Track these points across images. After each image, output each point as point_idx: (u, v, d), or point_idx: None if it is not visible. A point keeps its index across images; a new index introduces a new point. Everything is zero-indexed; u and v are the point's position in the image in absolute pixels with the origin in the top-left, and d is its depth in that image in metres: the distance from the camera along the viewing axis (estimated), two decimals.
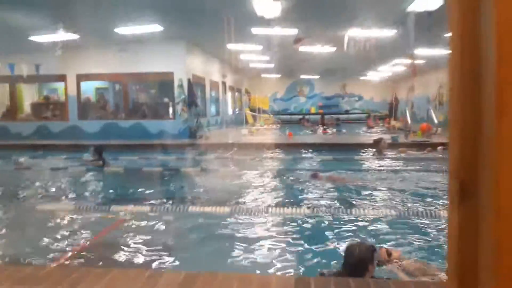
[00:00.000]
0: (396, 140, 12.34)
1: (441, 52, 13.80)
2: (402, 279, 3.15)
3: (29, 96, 17.40)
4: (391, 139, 12.63)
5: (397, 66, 19.27)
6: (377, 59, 15.92)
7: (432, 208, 5.18)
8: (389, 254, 3.49)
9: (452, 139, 1.07)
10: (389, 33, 10.86)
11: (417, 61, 14.39)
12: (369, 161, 9.86)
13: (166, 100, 15.51)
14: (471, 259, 1.02)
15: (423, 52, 14.14)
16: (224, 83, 20.64)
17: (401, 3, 8.28)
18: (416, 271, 3.26)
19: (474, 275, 1.02)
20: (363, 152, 10.86)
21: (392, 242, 4.05)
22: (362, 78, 26.16)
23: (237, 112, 23.94)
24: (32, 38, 11.68)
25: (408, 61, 16.69)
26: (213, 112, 18.84)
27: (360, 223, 4.71)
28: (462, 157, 1.03)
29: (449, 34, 1.07)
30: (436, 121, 14.51)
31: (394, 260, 3.45)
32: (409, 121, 14.20)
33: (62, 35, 11.50)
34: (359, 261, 2.96)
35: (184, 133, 14.24)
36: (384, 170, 8.30)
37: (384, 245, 3.70)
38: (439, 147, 11.32)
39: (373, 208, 5.21)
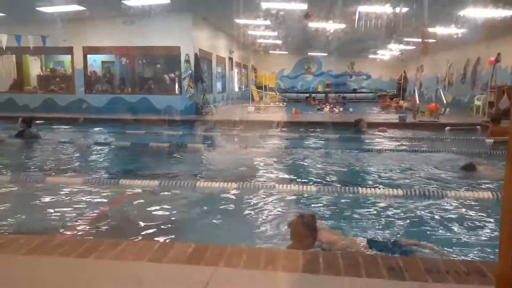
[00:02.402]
0: (404, 120, 12.26)
1: (454, 30, 13.50)
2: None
3: (35, 68, 17.35)
4: (398, 118, 12.55)
5: (407, 44, 18.90)
6: (388, 37, 15.61)
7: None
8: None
9: None
10: (402, 9, 10.60)
11: (428, 40, 14.10)
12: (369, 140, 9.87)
13: (172, 75, 15.41)
14: None
15: (436, 30, 13.83)
16: (231, 59, 20.43)
17: None
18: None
19: None
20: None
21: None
22: (370, 56, 25.76)
23: (243, 89, 23.77)
24: (39, 8, 11.53)
25: (419, 39, 16.39)
26: (219, 89, 18.72)
27: (367, 201, 4.73)
28: None
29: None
30: (444, 101, 14.34)
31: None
32: (417, 101, 14.03)
33: (69, 6, 11.35)
34: (308, 230, 3.06)
35: (190, 109, 14.20)
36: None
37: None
38: (447, 128, 11.26)
39: (379, 188, 5.20)
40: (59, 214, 4.21)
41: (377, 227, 3.98)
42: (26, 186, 5.30)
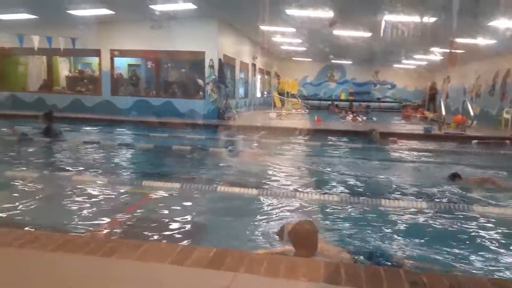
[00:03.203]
0: (429, 131, 12.02)
1: (483, 41, 13.20)
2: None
3: (64, 69, 17.87)
4: (424, 130, 12.32)
5: (434, 54, 18.57)
6: (414, 46, 15.38)
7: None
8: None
9: None
10: (430, 19, 10.44)
11: (456, 50, 13.82)
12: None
13: (196, 79, 15.59)
14: None
15: (464, 41, 13.54)
16: (254, 65, 20.52)
17: None
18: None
19: None
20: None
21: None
22: (396, 65, 25.40)
23: (266, 96, 23.82)
24: (70, 11, 11.89)
25: (447, 50, 16.08)
26: (241, 94, 18.82)
27: (389, 213, 4.64)
28: None
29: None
30: (472, 113, 13.98)
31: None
32: (443, 112, 13.73)
33: (98, 10, 11.67)
34: (310, 237, 3.04)
35: (212, 114, 14.32)
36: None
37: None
38: (474, 141, 10.97)
39: (403, 200, 5.10)
40: (85, 213, 4.31)
41: (394, 239, 3.90)
42: (53, 184, 5.45)
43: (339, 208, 4.79)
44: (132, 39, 14.61)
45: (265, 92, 24.22)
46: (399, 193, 5.62)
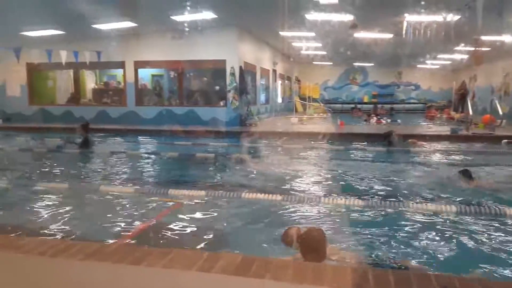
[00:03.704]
0: (456, 132, 11.72)
1: (510, 38, 12.80)
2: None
3: (90, 82, 18.40)
4: (450, 130, 12.02)
5: (459, 53, 18.14)
6: (438, 46, 15.07)
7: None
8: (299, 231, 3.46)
9: None
10: (453, 18, 10.21)
11: (482, 48, 13.45)
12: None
13: (217, 87, 15.76)
14: None
15: (490, 38, 13.18)
16: (274, 71, 20.57)
17: None
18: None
19: None
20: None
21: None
22: (419, 66, 24.93)
23: (287, 101, 23.81)
24: (95, 26, 12.25)
25: (472, 48, 15.66)
26: (262, 100, 18.87)
27: (416, 216, 4.54)
28: None
29: None
30: (500, 112, 13.55)
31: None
32: (470, 112, 13.36)
33: (122, 23, 11.98)
34: (318, 244, 3.03)
35: (234, 121, 14.41)
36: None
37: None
38: (504, 141, 10.62)
39: (432, 203, 4.98)
40: (112, 222, 4.40)
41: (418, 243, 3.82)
42: (83, 194, 5.60)
43: (362, 212, 4.72)
44: (155, 50, 14.91)
45: (286, 97, 24.20)
46: (424, 196, 5.49)
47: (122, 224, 4.34)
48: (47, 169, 7.69)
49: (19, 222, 4.49)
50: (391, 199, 5.13)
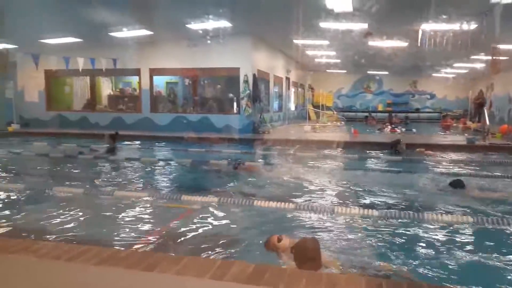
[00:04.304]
0: (472, 142, 11.52)
1: None
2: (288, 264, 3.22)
3: (106, 88, 18.70)
4: (466, 140, 11.83)
5: (475, 62, 17.90)
6: (454, 55, 14.90)
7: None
8: (279, 240, 3.52)
9: None
10: (470, 26, 10.10)
11: (500, 57, 13.24)
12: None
13: (231, 95, 15.85)
14: None
15: (508, 47, 13.00)
16: (288, 79, 20.60)
17: None
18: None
19: None
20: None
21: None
22: (435, 74, 24.68)
23: (301, 109, 23.79)
24: (112, 33, 12.47)
25: (489, 57, 15.44)
26: (276, 108, 18.90)
27: (431, 228, 4.47)
28: None
29: None
30: None
31: (280, 248, 3.47)
32: (487, 122, 13.12)
33: (138, 31, 12.16)
34: (313, 255, 3.03)
35: (247, 128, 14.44)
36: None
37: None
38: None
39: (447, 214, 4.89)
40: (126, 227, 4.44)
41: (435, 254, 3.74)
42: (99, 199, 5.67)
43: (375, 222, 4.66)
44: (169, 58, 15.10)
45: (300, 105, 24.17)
46: (432, 207, 5.39)
47: (136, 230, 4.37)
48: (64, 174, 7.80)
49: (35, 226, 4.56)
50: (404, 210, 5.05)
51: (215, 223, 4.60)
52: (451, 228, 4.47)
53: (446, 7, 8.82)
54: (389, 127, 17.20)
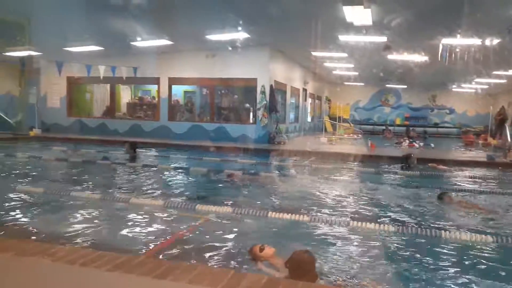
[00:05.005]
0: (493, 159, 11.27)
1: None
2: (274, 275, 3.28)
3: (125, 96, 19.04)
4: (486, 157, 11.58)
5: (497, 77, 17.59)
6: (475, 70, 14.68)
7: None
8: (261, 249, 3.66)
9: None
10: (493, 41, 9.95)
11: None
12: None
13: (247, 105, 15.93)
14: None
15: None
16: (305, 90, 20.60)
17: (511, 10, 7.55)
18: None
19: None
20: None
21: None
22: (455, 89, 24.32)
23: (317, 120, 23.71)
24: (133, 43, 12.73)
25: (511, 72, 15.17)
26: (292, 119, 18.89)
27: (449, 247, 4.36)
28: None
29: None
30: None
31: (264, 258, 3.62)
32: (509, 139, 12.83)
33: (159, 41, 12.38)
34: (308, 267, 3.05)
35: (263, 138, 14.46)
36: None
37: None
38: None
39: (466, 232, 4.78)
40: (140, 234, 4.47)
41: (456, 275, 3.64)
42: (114, 206, 5.73)
43: (389, 237, 4.58)
44: (188, 68, 15.31)
45: (316, 117, 24.10)
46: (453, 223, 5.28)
47: (150, 237, 4.40)
48: (82, 180, 7.92)
49: (51, 230, 4.63)
50: (422, 226, 4.95)
51: (229, 233, 4.59)
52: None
53: (468, 22, 8.72)
54: (407, 141, 16.96)
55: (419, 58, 13.35)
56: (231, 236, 4.52)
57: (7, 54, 15.29)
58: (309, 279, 2.97)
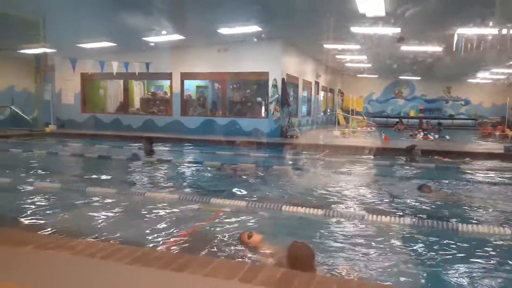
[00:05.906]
0: (510, 151, 11.07)
1: None
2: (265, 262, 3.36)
3: (138, 91, 19.18)
4: (503, 149, 11.38)
5: None
6: (491, 60, 14.39)
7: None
8: (249, 236, 3.82)
9: None
10: (510, 30, 9.72)
11: None
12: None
13: (260, 99, 15.91)
14: None
15: None
16: (317, 83, 20.47)
17: None
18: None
19: None
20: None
21: None
22: (470, 80, 23.87)
23: (330, 113, 23.56)
24: (145, 38, 12.80)
25: None
26: (304, 112, 18.81)
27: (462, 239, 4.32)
28: None
29: None
30: None
31: (252, 244, 3.77)
32: None
33: (171, 36, 12.42)
34: (307, 260, 3.07)
35: (275, 132, 14.45)
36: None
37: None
38: None
39: (484, 225, 4.72)
40: (158, 228, 4.53)
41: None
42: (131, 200, 5.82)
43: (406, 231, 4.56)
44: (200, 62, 15.33)
45: (328, 110, 23.94)
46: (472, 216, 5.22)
47: (166, 230, 4.45)
48: (98, 174, 8.03)
49: (70, 224, 4.73)
50: (437, 220, 4.91)
51: (243, 226, 4.61)
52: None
53: (484, 11, 8.54)
54: (422, 133, 16.75)
55: (434, 48, 13.14)
56: (245, 229, 4.54)
57: (23, 51, 15.53)
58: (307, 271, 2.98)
